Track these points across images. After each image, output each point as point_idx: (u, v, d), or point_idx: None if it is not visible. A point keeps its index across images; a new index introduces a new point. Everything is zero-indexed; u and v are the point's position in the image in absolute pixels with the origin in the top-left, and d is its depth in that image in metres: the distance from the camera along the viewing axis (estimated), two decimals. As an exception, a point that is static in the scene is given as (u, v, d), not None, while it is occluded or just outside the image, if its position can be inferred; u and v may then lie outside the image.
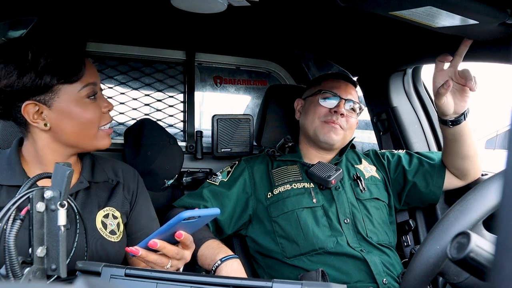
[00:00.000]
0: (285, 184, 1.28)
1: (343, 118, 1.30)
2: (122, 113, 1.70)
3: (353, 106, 1.34)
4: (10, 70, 0.84)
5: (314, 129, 1.32)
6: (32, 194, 0.61)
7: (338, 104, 1.30)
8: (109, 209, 0.99)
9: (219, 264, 1.06)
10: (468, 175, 1.30)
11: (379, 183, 1.34)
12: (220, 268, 1.05)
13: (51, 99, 0.88)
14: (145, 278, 0.64)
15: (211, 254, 1.10)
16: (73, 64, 0.89)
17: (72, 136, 0.92)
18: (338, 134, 1.30)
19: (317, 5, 1.12)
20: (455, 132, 1.18)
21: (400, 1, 0.81)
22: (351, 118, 1.33)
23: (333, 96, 1.32)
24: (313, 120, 1.32)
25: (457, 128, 1.16)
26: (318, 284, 0.62)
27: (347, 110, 1.32)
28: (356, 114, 1.35)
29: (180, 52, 1.75)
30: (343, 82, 1.36)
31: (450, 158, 1.27)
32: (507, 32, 0.93)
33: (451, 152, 1.25)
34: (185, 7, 1.01)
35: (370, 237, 1.21)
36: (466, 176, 1.30)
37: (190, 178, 1.62)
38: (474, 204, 0.62)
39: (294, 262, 1.19)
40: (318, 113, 1.32)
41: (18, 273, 0.59)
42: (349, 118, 1.32)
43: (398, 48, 1.36)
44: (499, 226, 0.25)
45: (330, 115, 1.30)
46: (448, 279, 0.61)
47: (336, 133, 1.29)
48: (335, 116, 1.29)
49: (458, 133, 1.18)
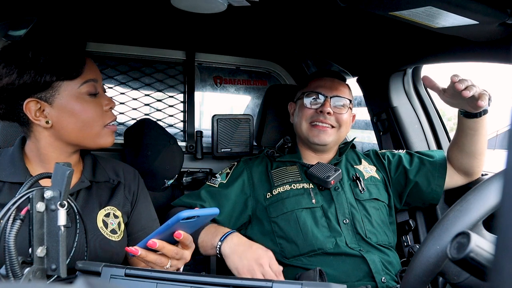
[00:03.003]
0: (285, 185, 1.28)
1: (332, 116, 1.29)
2: (122, 113, 1.70)
3: (342, 102, 1.31)
4: (11, 68, 0.86)
5: (304, 132, 1.32)
6: (32, 194, 0.61)
7: (323, 103, 1.29)
8: (110, 208, 0.99)
9: (220, 245, 1.07)
10: (471, 174, 1.30)
11: (379, 184, 1.34)
12: (223, 248, 1.06)
13: (52, 96, 0.89)
14: (145, 278, 0.64)
15: (210, 239, 1.11)
16: (73, 61, 0.90)
17: (74, 134, 0.92)
18: (329, 135, 1.29)
19: (317, 5, 1.12)
20: (470, 125, 1.19)
21: (400, 1, 0.81)
22: (341, 115, 1.30)
23: (318, 95, 1.31)
24: (302, 123, 1.33)
25: (471, 121, 1.17)
26: (318, 284, 0.62)
27: (335, 107, 1.30)
28: (347, 109, 1.32)
29: (180, 52, 1.75)
30: (329, 79, 1.34)
31: (457, 153, 1.28)
32: (507, 32, 0.93)
33: (460, 146, 1.25)
34: (185, 7, 1.01)
35: (369, 237, 1.21)
36: (469, 174, 1.30)
37: (190, 178, 1.62)
38: (474, 204, 0.62)
39: (293, 262, 1.19)
40: (305, 115, 1.31)
41: (18, 273, 0.59)
42: (338, 115, 1.30)
43: (398, 48, 1.36)
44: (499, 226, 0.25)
45: (317, 115, 1.29)
46: (448, 279, 0.61)
47: (326, 134, 1.29)
48: (322, 116, 1.28)
49: (473, 127, 1.19)
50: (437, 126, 1.54)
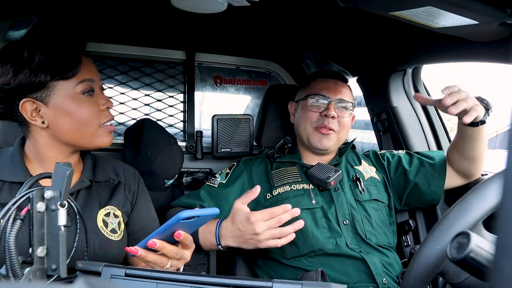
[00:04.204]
0: (285, 185, 1.27)
1: (335, 120, 1.28)
2: (122, 113, 1.70)
3: (345, 105, 1.31)
4: (7, 68, 0.86)
5: (307, 136, 1.32)
6: (32, 194, 0.61)
7: (328, 107, 1.28)
8: (110, 208, 0.99)
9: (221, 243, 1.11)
10: (470, 176, 1.31)
11: (379, 184, 1.34)
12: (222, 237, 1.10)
13: (47, 96, 0.89)
14: (145, 278, 0.64)
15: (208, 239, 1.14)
16: (67, 61, 0.89)
17: (70, 133, 0.92)
18: (331, 140, 1.29)
19: (317, 5, 1.12)
20: (469, 133, 1.19)
21: (400, 1, 0.81)
22: (343, 118, 1.31)
23: (322, 98, 1.30)
24: (306, 127, 1.32)
25: (469, 129, 1.17)
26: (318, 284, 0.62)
27: (339, 110, 1.30)
28: (348, 112, 1.33)
29: (180, 52, 1.75)
30: (332, 82, 1.34)
31: (457, 156, 1.28)
32: (507, 32, 0.93)
33: (460, 151, 1.25)
34: (185, 7, 1.01)
35: (369, 238, 1.21)
36: (468, 176, 1.31)
37: (190, 178, 1.62)
38: (474, 204, 0.62)
39: (293, 263, 1.19)
40: (309, 119, 1.31)
41: (18, 273, 0.59)
42: (341, 118, 1.30)
43: (398, 48, 1.36)
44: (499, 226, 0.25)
45: (322, 119, 1.28)
46: (448, 279, 0.61)
47: (328, 139, 1.28)
48: (326, 120, 1.28)
49: (471, 135, 1.19)
50: (437, 126, 1.54)
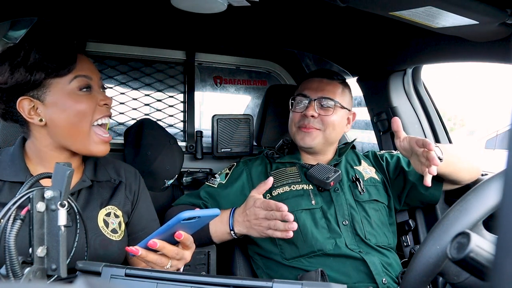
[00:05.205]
0: (284, 186, 1.27)
1: (316, 119, 1.26)
2: (122, 113, 1.70)
3: (326, 103, 1.27)
4: (4, 67, 0.87)
5: (293, 136, 1.33)
6: (33, 194, 0.61)
7: (307, 106, 1.28)
8: (111, 208, 0.99)
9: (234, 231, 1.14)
10: (465, 183, 1.30)
11: (379, 185, 1.34)
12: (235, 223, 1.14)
13: (43, 94, 0.89)
14: (145, 278, 0.64)
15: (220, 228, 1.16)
16: (62, 58, 0.90)
17: (66, 130, 0.91)
18: (314, 138, 1.28)
19: (317, 5, 1.12)
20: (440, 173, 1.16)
21: (400, 1, 0.81)
22: (326, 116, 1.27)
23: (304, 98, 1.30)
24: (291, 127, 1.34)
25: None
26: (318, 284, 0.62)
27: (321, 108, 1.27)
28: (332, 110, 1.27)
29: (180, 52, 1.75)
30: (316, 80, 1.32)
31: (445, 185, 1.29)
32: (507, 32, 0.93)
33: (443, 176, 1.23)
34: (185, 7, 1.01)
35: (368, 239, 1.21)
36: (463, 183, 1.31)
37: (190, 178, 1.62)
38: (474, 204, 0.62)
39: (293, 263, 1.19)
40: (293, 119, 1.32)
41: (18, 273, 0.59)
42: (323, 117, 1.27)
43: (398, 48, 1.36)
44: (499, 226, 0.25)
45: (303, 119, 1.28)
46: (448, 279, 0.61)
47: (311, 137, 1.27)
48: (306, 120, 1.27)
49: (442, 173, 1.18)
50: (437, 126, 1.54)
